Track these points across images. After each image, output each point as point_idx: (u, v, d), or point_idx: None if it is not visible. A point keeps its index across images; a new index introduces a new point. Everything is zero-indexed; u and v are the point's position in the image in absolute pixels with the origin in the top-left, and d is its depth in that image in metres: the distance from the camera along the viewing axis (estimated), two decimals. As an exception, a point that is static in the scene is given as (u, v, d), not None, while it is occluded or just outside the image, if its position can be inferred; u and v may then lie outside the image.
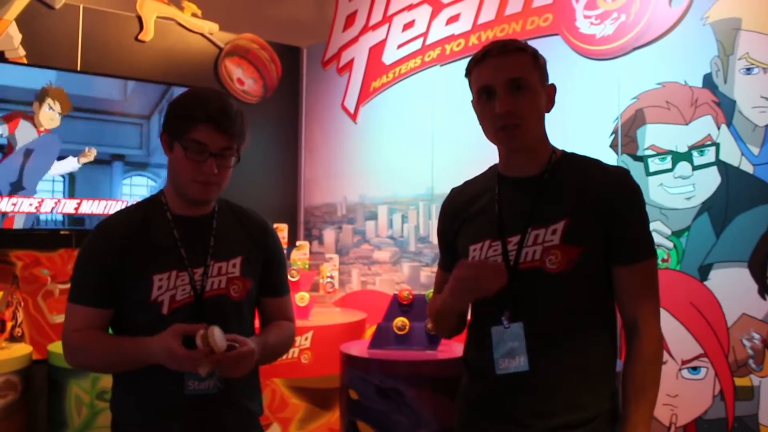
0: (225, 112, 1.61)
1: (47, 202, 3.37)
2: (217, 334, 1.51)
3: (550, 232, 1.51)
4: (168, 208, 1.72)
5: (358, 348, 2.93)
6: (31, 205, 3.33)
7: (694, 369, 2.57)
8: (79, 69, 3.58)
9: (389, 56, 3.88)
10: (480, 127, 1.63)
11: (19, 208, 3.30)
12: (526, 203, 1.57)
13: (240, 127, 1.65)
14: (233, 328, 1.64)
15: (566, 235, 1.50)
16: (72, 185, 3.45)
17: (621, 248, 1.52)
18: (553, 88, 1.60)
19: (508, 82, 1.53)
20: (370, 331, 3.39)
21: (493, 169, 1.70)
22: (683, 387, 2.59)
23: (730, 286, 2.48)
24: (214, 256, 1.70)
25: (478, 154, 3.32)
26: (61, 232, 3.47)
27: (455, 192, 1.78)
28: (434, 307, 1.70)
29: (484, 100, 1.57)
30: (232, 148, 1.65)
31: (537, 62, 1.57)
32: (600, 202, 1.52)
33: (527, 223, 1.54)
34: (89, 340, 1.64)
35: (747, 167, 2.46)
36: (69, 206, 3.44)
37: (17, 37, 3.43)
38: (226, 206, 1.81)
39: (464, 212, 1.68)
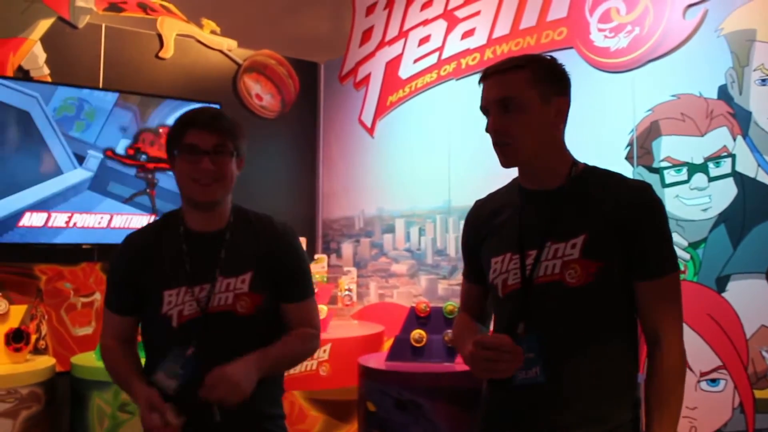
0: (212, 115, 1.74)
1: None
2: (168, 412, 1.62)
3: (569, 246, 1.51)
4: (183, 222, 1.79)
5: (376, 360, 2.94)
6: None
7: (713, 381, 2.56)
8: (101, 86, 3.65)
9: (405, 71, 3.92)
10: None
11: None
12: (546, 217, 1.57)
13: (229, 125, 1.74)
14: (239, 345, 1.70)
15: (585, 249, 1.50)
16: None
17: (641, 263, 1.51)
18: (562, 101, 1.57)
19: (497, 102, 1.54)
20: (387, 344, 3.40)
21: (515, 182, 1.70)
22: (702, 399, 2.58)
23: (748, 297, 2.47)
24: (223, 272, 1.74)
25: (495, 168, 3.34)
26: (83, 247, 3.53)
27: (479, 204, 1.78)
28: (459, 343, 1.70)
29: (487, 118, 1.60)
30: (226, 145, 1.71)
31: (538, 78, 1.54)
32: (619, 216, 1.51)
33: (546, 237, 1.55)
34: (110, 357, 1.82)
35: (763, 178, 2.46)
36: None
37: (42, 56, 3.51)
38: (242, 217, 1.82)
39: (488, 225, 1.69)
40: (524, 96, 1.53)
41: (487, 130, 1.58)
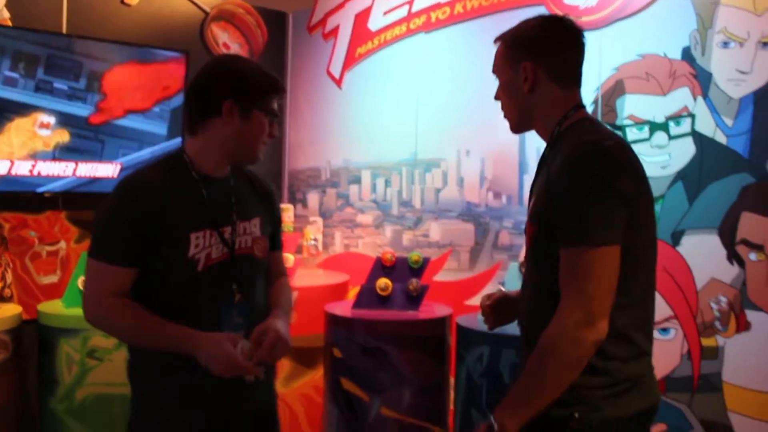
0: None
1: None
2: (246, 347, 1.63)
3: (528, 208, 1.61)
4: (192, 167, 1.75)
5: (342, 308, 3.01)
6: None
7: (665, 330, 2.69)
8: (65, 32, 3.57)
9: (375, 23, 3.91)
10: (462, 95, 1.78)
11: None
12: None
13: None
14: (257, 286, 1.81)
15: (531, 213, 1.58)
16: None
17: (558, 230, 1.46)
18: (528, 65, 1.59)
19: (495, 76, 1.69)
20: (353, 293, 3.47)
21: None
22: (654, 347, 2.70)
23: (701, 251, 2.59)
24: (239, 216, 1.79)
25: (462, 121, 3.41)
26: (45, 195, 3.48)
27: None
28: None
29: None
30: None
31: (509, 47, 1.64)
32: (549, 183, 1.51)
33: (530, 196, 1.65)
34: (126, 311, 1.67)
35: (721, 138, 2.56)
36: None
37: (2, -2, 3.41)
38: (237, 169, 1.87)
39: None
40: (499, 69, 1.66)
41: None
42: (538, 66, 1.59)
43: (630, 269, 1.45)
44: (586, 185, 1.42)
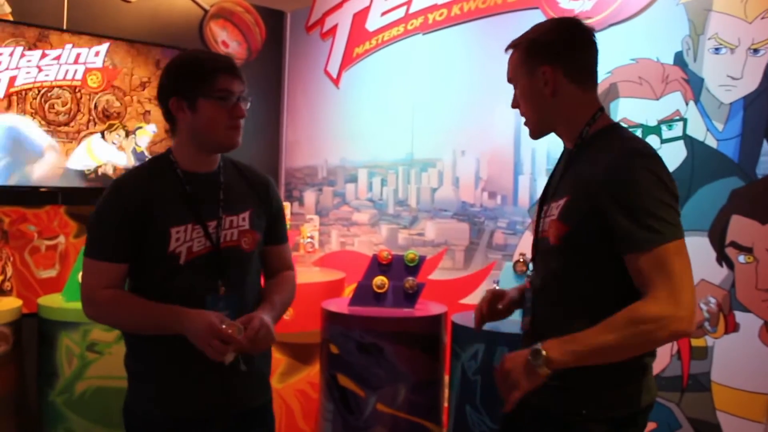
0: (233, 61, 1.81)
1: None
2: (234, 327, 1.67)
3: (555, 206, 1.60)
4: (177, 165, 1.82)
5: (339, 305, 3.05)
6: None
7: (655, 330, 2.74)
8: (65, 27, 3.60)
9: (372, 23, 3.94)
10: (458, 96, 1.78)
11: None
12: (556, 177, 1.70)
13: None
14: (245, 278, 1.84)
15: (562, 212, 1.57)
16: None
17: (615, 238, 1.48)
18: (547, 69, 1.61)
19: (510, 83, 1.70)
20: (348, 290, 3.51)
21: None
22: (644, 346, 2.76)
23: (691, 253, 2.58)
24: (225, 210, 1.83)
25: (458, 121, 3.45)
26: (41, 189, 3.51)
27: None
28: None
29: None
30: (246, 92, 1.81)
31: (526, 54, 1.64)
32: (591, 186, 1.51)
33: (550, 196, 1.66)
34: (119, 299, 1.78)
35: (711, 142, 2.61)
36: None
37: (3, -7, 3.43)
38: (229, 163, 1.92)
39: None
40: (516, 75, 1.67)
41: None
42: (557, 69, 1.61)
43: None
44: (655, 188, 1.45)
